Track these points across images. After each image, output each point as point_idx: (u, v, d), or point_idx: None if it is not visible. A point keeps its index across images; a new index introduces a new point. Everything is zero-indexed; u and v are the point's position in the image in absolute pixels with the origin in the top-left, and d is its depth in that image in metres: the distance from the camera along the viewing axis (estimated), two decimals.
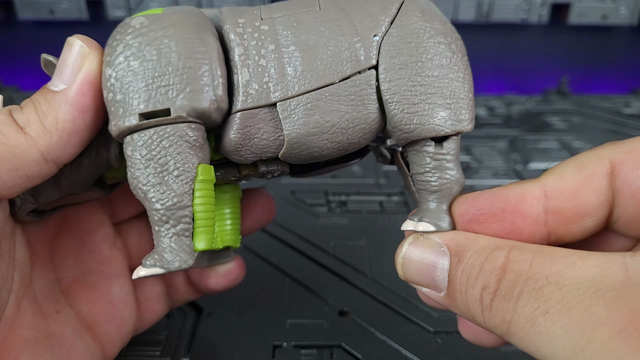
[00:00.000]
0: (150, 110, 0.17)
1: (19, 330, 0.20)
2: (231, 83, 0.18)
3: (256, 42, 0.18)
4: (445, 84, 0.19)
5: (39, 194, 0.20)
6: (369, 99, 0.19)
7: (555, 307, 0.14)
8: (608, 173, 0.17)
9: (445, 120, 0.18)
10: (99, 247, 0.24)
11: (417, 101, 0.18)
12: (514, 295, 0.15)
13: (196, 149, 0.18)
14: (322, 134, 0.19)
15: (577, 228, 0.18)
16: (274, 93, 0.18)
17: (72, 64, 0.18)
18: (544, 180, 0.18)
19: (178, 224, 0.18)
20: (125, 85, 0.17)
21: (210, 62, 0.18)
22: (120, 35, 0.18)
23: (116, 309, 0.24)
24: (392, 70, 0.19)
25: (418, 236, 0.18)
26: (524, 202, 0.18)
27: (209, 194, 0.18)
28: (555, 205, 0.18)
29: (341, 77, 0.18)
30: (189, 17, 0.18)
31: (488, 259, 0.16)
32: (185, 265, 0.18)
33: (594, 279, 0.14)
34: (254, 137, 0.19)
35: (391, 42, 0.19)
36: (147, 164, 0.17)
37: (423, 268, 0.18)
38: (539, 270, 0.15)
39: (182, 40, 0.17)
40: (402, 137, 0.19)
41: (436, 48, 0.19)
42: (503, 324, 0.15)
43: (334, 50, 0.19)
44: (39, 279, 0.22)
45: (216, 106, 0.18)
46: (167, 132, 0.17)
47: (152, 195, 0.17)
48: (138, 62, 0.17)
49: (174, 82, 0.17)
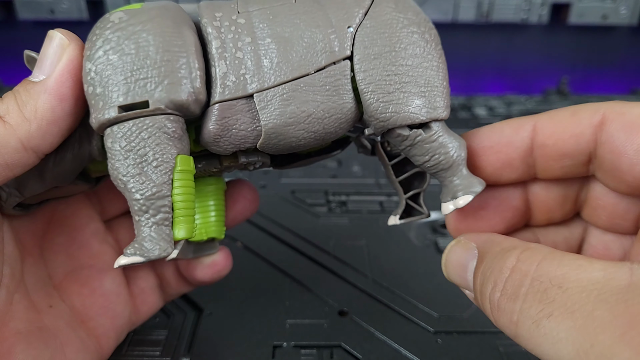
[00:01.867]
0: (129, 102, 0.17)
1: (11, 323, 0.20)
2: (209, 76, 0.19)
3: (233, 35, 0.19)
4: (419, 73, 0.19)
5: (23, 187, 0.20)
6: (344, 89, 0.19)
7: (559, 309, 0.14)
8: (596, 125, 0.19)
9: (421, 108, 0.19)
10: (88, 241, 0.25)
11: (392, 90, 0.19)
12: (520, 295, 0.15)
13: (175, 140, 0.18)
14: (299, 124, 0.19)
15: (556, 165, 0.20)
16: (250, 84, 0.19)
17: (52, 55, 0.18)
18: (538, 117, 0.20)
19: (157, 214, 0.18)
20: (105, 78, 0.17)
21: (188, 55, 0.18)
22: (99, 30, 0.18)
23: (109, 301, 0.24)
24: (366, 61, 0.19)
25: (459, 239, 0.19)
26: (516, 134, 0.20)
27: (188, 184, 0.19)
28: (539, 140, 0.20)
29: (316, 67, 0.19)
30: (166, 11, 0.18)
31: (502, 259, 0.16)
32: (164, 254, 0.18)
33: (598, 282, 0.14)
34: (232, 128, 0.19)
35: (365, 33, 0.19)
36: (127, 155, 0.18)
37: (458, 269, 0.19)
38: (545, 272, 0.15)
39: (160, 34, 0.18)
40: (379, 125, 0.20)
41: (409, 37, 0.19)
42: (511, 325, 0.15)
43: (309, 41, 0.19)
44: (30, 274, 0.22)
45: (194, 98, 0.18)
46: (145, 124, 0.18)
47: (132, 185, 0.18)
48: (117, 56, 0.17)
49: (152, 75, 0.17)
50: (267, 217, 0.39)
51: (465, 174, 0.20)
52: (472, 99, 0.65)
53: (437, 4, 0.60)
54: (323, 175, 0.46)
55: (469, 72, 0.67)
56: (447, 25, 0.61)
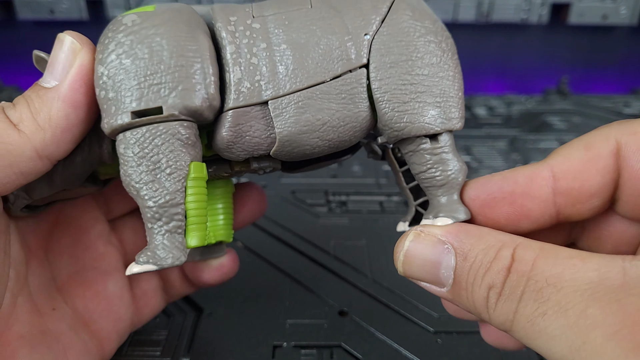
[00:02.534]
0: (143, 108, 0.17)
1: (15, 327, 0.20)
2: (223, 81, 0.19)
3: (248, 40, 0.19)
4: (435, 83, 0.19)
5: (32, 190, 0.20)
6: (360, 98, 0.19)
7: (553, 308, 0.14)
8: (614, 152, 0.17)
9: (435, 119, 0.19)
10: (93, 243, 0.25)
11: (407, 100, 0.19)
12: (516, 295, 0.15)
13: (188, 146, 0.18)
14: (313, 132, 0.19)
15: (584, 208, 0.18)
16: (265, 91, 0.18)
17: (64, 60, 0.18)
18: (551, 161, 0.18)
19: (170, 222, 0.18)
20: (118, 83, 0.17)
21: (202, 60, 0.18)
22: (112, 33, 0.18)
23: (112, 304, 0.24)
24: (382, 69, 0.19)
25: (419, 232, 0.18)
26: (533, 183, 0.18)
27: (201, 191, 0.19)
28: (563, 186, 0.18)
29: (332, 75, 0.19)
30: (180, 15, 0.18)
31: (496, 259, 0.16)
32: (177, 262, 0.18)
33: (592, 281, 0.14)
34: (246, 134, 0.19)
35: (382, 41, 0.19)
36: (140, 161, 0.17)
37: (426, 265, 0.18)
38: (540, 271, 0.15)
39: (174, 38, 0.17)
40: (393, 135, 0.19)
41: (426, 47, 0.19)
42: (506, 322, 0.16)
43: (325, 48, 0.19)
44: (34, 276, 0.22)
45: (208, 104, 0.18)
46: (159, 130, 0.17)
47: (145, 192, 0.18)
48: (130, 60, 0.17)
49: (166, 81, 0.17)
50: (267, 217, 0.39)
51: (455, 199, 0.19)
52: (472, 99, 0.65)
53: (437, 4, 0.60)
54: (323, 175, 0.46)
55: (469, 72, 0.67)
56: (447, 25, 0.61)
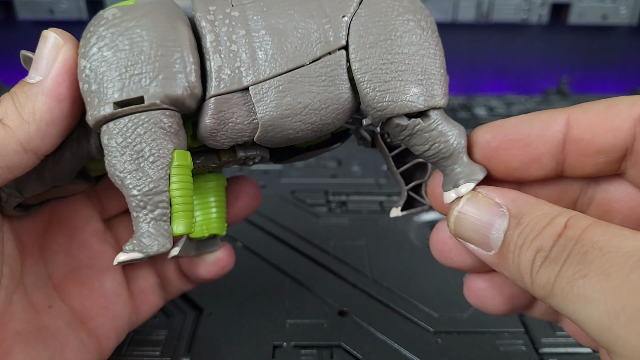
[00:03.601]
0: (124, 98, 0.17)
1: (10, 324, 0.20)
2: (204, 70, 0.19)
3: (227, 28, 0.19)
4: (416, 61, 0.19)
5: (23, 188, 0.20)
6: (340, 79, 0.19)
7: (596, 271, 0.14)
8: (635, 118, 0.17)
9: (418, 97, 0.19)
10: (88, 241, 0.25)
11: (389, 79, 0.19)
12: (561, 258, 0.15)
13: (171, 135, 0.18)
14: (295, 115, 0.19)
15: (589, 162, 0.18)
16: (246, 77, 0.18)
17: (47, 56, 0.18)
18: (571, 110, 0.18)
19: (155, 209, 0.18)
20: (100, 75, 0.17)
21: (182, 49, 0.18)
22: (93, 27, 0.18)
23: (109, 302, 0.24)
24: (362, 50, 0.19)
25: (477, 193, 0.18)
26: (548, 128, 0.18)
27: (185, 179, 0.19)
28: (574, 134, 0.18)
29: (311, 58, 0.19)
30: (160, 6, 0.18)
31: (549, 225, 0.16)
32: (163, 249, 0.18)
33: (638, 250, 0.14)
34: (229, 121, 0.19)
35: (360, 22, 0.19)
36: (123, 151, 0.18)
37: (478, 225, 0.18)
38: (589, 236, 0.15)
39: (154, 29, 0.18)
40: (377, 115, 0.19)
41: (405, 25, 0.19)
42: (547, 286, 0.15)
43: (303, 32, 0.19)
44: (29, 274, 0.22)
45: (189, 92, 0.18)
46: (141, 120, 0.18)
47: (129, 181, 0.18)
48: (111, 52, 0.17)
49: (146, 70, 0.17)
50: (267, 217, 0.39)
51: (466, 162, 0.20)
52: (472, 99, 0.65)
53: (437, 4, 0.60)
54: (323, 175, 0.46)
55: (469, 72, 0.67)
56: (447, 25, 0.61)
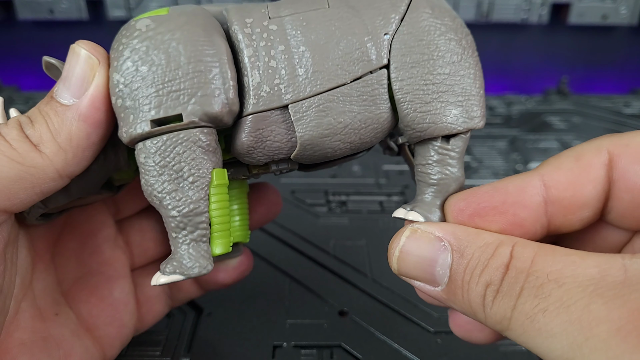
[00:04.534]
0: (162, 116, 0.17)
1: (16, 333, 0.20)
2: (241, 85, 0.18)
3: (265, 42, 0.18)
4: (456, 81, 0.19)
5: (48, 200, 0.20)
6: (381, 99, 0.19)
7: (555, 304, 0.14)
8: (606, 164, 0.17)
9: (458, 118, 0.19)
10: (100, 248, 0.24)
11: (429, 100, 0.18)
12: (515, 292, 0.15)
13: (209, 153, 0.18)
14: (335, 135, 0.19)
15: (575, 218, 0.18)
16: (285, 95, 0.18)
17: (81, 76, 0.17)
18: (542, 170, 0.18)
19: (195, 230, 0.18)
20: (135, 91, 0.17)
21: (221, 64, 0.17)
22: (126, 39, 0.17)
23: (116, 311, 0.24)
24: (403, 69, 0.19)
25: (416, 229, 0.18)
26: (524, 193, 0.18)
27: (223, 197, 0.18)
28: (554, 195, 0.18)
29: (353, 77, 0.18)
30: (195, 18, 0.18)
31: (494, 256, 0.16)
32: (204, 271, 0.18)
33: (593, 278, 0.14)
34: (267, 139, 0.18)
35: (402, 40, 0.19)
36: (162, 171, 0.17)
37: (422, 263, 0.17)
38: (540, 267, 0.15)
39: (191, 43, 0.17)
40: (415, 135, 0.19)
41: (447, 45, 0.19)
42: (504, 321, 0.15)
43: (344, 50, 0.18)
44: (39, 280, 0.22)
45: (228, 109, 0.18)
46: (180, 138, 0.17)
47: (168, 202, 0.17)
48: (147, 67, 0.17)
49: (184, 87, 0.17)
50: None
51: (437, 203, 0.19)
52: None
53: None
54: (323, 175, 0.46)
55: None
56: None
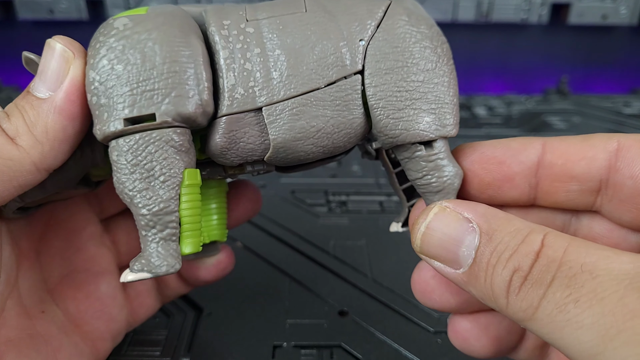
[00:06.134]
0: (135, 115, 0.17)
1: (2, 331, 0.20)
2: (216, 86, 0.18)
3: (242, 45, 0.18)
4: (430, 89, 0.19)
5: (24, 194, 0.20)
6: (355, 104, 0.19)
7: (588, 295, 0.14)
8: (611, 151, 0.18)
9: (430, 125, 0.19)
10: (85, 245, 0.24)
11: (402, 107, 0.19)
12: (546, 281, 0.15)
13: (182, 153, 0.18)
14: (308, 138, 0.19)
15: (562, 188, 0.19)
16: (259, 98, 0.18)
17: (57, 69, 0.17)
18: (548, 138, 0.19)
19: (165, 229, 0.18)
20: (110, 89, 0.17)
21: (196, 65, 0.17)
22: (103, 37, 0.17)
23: (104, 305, 0.24)
24: (377, 75, 0.19)
25: (445, 207, 0.18)
26: (524, 149, 0.19)
27: (195, 197, 0.19)
28: (547, 159, 0.19)
29: (327, 82, 0.19)
30: (173, 18, 0.18)
31: (525, 242, 0.16)
32: (172, 270, 0.18)
33: (628, 272, 0.14)
34: (240, 141, 0.19)
35: (377, 47, 0.19)
36: (133, 169, 0.17)
37: (447, 241, 0.17)
38: (574, 258, 0.15)
39: (167, 44, 0.17)
40: (388, 141, 0.19)
41: (422, 52, 0.19)
42: (529, 309, 0.15)
43: (319, 54, 0.18)
44: (24, 278, 0.22)
45: (202, 110, 0.18)
46: (152, 138, 0.17)
47: (139, 200, 0.17)
48: (122, 66, 0.17)
49: (159, 87, 0.17)
50: (267, 217, 0.39)
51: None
52: (472, 99, 0.65)
53: (436, 4, 0.60)
54: (323, 175, 0.46)
55: (469, 71, 0.67)
56: (447, 25, 0.61)
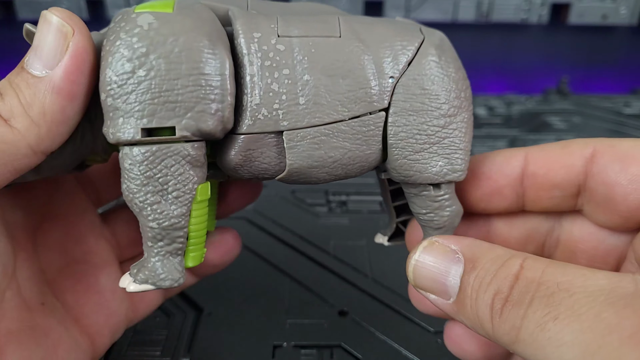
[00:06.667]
0: (154, 126, 0.16)
1: (3, 323, 0.19)
2: (238, 101, 0.18)
3: (270, 62, 0.18)
4: (447, 134, 0.19)
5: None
6: (375, 140, 0.19)
7: (566, 312, 0.14)
8: (587, 157, 0.20)
9: (442, 169, 0.19)
10: (84, 236, 0.24)
11: (420, 149, 0.19)
12: (525, 301, 0.15)
13: (197, 168, 0.17)
14: (323, 167, 0.19)
15: (546, 195, 0.20)
16: (282, 121, 0.18)
17: (54, 45, 0.16)
18: (529, 148, 0.21)
19: (172, 243, 0.17)
20: (128, 94, 0.16)
21: (222, 80, 0.17)
22: (125, 34, 0.16)
23: (104, 298, 0.23)
24: (402, 115, 0.19)
25: (433, 242, 0.18)
26: (508, 163, 0.21)
27: (203, 212, 0.18)
28: (530, 170, 0.21)
29: (352, 115, 0.18)
30: (202, 24, 0.17)
31: (503, 266, 0.16)
32: (176, 284, 0.18)
33: (603, 288, 0.14)
34: (255, 160, 0.18)
35: (406, 86, 0.19)
36: (147, 181, 0.17)
37: (435, 274, 0.18)
38: (551, 277, 0.15)
39: (195, 53, 0.16)
40: (399, 179, 0.20)
41: (447, 97, 0.19)
42: (512, 331, 0.15)
43: (348, 87, 0.18)
44: (22, 269, 0.21)
45: (222, 127, 0.17)
46: (170, 151, 0.17)
47: (149, 213, 0.17)
48: (144, 72, 0.16)
49: (182, 100, 0.16)
50: (267, 217, 0.39)
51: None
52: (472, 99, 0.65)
53: (437, 4, 0.60)
54: None
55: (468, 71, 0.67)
56: (447, 25, 0.61)
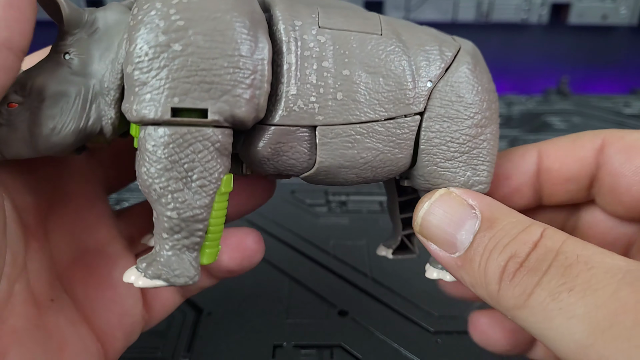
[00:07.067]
0: (186, 106, 0.15)
1: (10, 320, 0.17)
2: (273, 89, 0.17)
3: (310, 53, 0.17)
4: (477, 145, 0.19)
5: (6, 146, 0.17)
6: (407, 144, 0.18)
7: (582, 285, 0.14)
8: (597, 148, 0.20)
9: (469, 180, 0.19)
10: (96, 223, 0.22)
11: (450, 157, 0.19)
12: (541, 268, 0.15)
13: (224, 157, 0.16)
14: (353, 168, 0.18)
15: (561, 189, 0.21)
16: (318, 116, 0.17)
17: None
18: (541, 143, 0.21)
19: (190, 236, 0.16)
20: (160, 69, 0.15)
21: (262, 66, 0.16)
22: (161, 5, 0.15)
23: (117, 294, 0.21)
24: (436, 121, 0.18)
25: (451, 192, 0.18)
26: (523, 160, 0.21)
27: (224, 205, 0.17)
28: (544, 165, 0.21)
29: (388, 116, 0.18)
30: (244, 3, 0.16)
31: (524, 232, 0.16)
32: (191, 282, 0.16)
33: (621, 268, 0.14)
34: (284, 154, 0.17)
35: (442, 91, 0.18)
36: (170, 166, 0.15)
37: (447, 223, 0.17)
38: (571, 249, 0.15)
39: (236, 33, 0.15)
40: (425, 186, 0.19)
41: (480, 106, 0.19)
42: (522, 296, 0.15)
43: (387, 86, 0.18)
44: (33, 261, 0.19)
45: (254, 115, 0.16)
46: (200, 135, 0.15)
47: (169, 201, 0.16)
48: (181, 47, 0.15)
49: (218, 81, 0.15)
50: (267, 217, 0.39)
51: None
52: None
53: (437, 4, 0.60)
54: None
55: None
56: (447, 25, 0.61)
